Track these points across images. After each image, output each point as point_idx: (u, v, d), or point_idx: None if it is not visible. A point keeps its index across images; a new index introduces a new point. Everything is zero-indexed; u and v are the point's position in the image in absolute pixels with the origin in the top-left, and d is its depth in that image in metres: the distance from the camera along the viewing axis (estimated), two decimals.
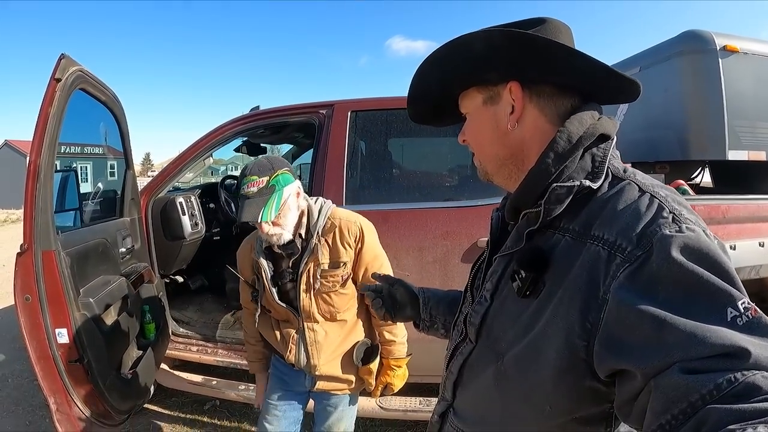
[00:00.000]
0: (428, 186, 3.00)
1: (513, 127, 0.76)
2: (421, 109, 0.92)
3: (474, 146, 0.84)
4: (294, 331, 1.76)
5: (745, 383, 0.47)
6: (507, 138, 0.77)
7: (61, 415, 1.95)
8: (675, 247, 0.56)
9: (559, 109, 0.75)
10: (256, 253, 1.74)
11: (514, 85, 0.75)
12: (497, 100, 0.77)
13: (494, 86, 0.77)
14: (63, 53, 1.87)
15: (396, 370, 1.85)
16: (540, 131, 0.75)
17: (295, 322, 1.75)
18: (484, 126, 0.80)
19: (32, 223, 1.83)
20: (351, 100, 2.88)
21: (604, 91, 0.76)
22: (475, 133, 0.83)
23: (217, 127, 3.03)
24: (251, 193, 1.55)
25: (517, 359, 0.71)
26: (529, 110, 0.75)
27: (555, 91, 0.75)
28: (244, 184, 1.57)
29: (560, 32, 0.76)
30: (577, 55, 0.71)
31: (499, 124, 0.77)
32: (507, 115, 0.76)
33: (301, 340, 1.75)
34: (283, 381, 1.88)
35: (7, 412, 3.23)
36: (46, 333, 1.88)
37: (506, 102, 0.76)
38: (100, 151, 2.78)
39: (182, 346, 3.05)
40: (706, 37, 3.08)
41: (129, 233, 2.66)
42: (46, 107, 1.84)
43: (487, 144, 0.81)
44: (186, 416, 3.16)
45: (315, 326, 1.74)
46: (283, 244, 1.66)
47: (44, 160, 1.84)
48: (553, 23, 0.76)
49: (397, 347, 1.83)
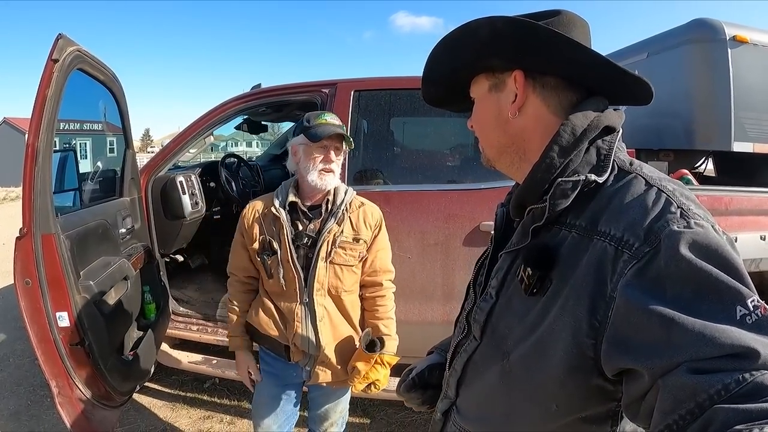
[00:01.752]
0: (431, 167, 2.98)
1: (515, 116, 0.76)
2: (434, 92, 0.92)
3: (478, 132, 0.85)
4: (296, 306, 1.71)
5: (753, 383, 0.47)
6: (508, 126, 0.78)
7: (63, 398, 1.96)
8: (683, 244, 0.56)
9: (563, 102, 0.75)
10: (277, 208, 1.71)
11: (518, 74, 0.75)
12: (502, 87, 0.78)
13: (500, 74, 0.78)
14: (60, 33, 1.83)
15: (386, 368, 1.79)
16: (542, 122, 0.75)
17: (296, 296, 1.71)
18: (488, 112, 0.81)
19: (31, 206, 1.81)
20: (354, 80, 2.85)
21: (612, 90, 0.75)
22: (479, 119, 0.84)
23: (218, 105, 3.01)
24: (334, 123, 1.69)
25: (524, 357, 0.70)
26: (531, 100, 0.75)
27: (561, 83, 0.74)
28: (324, 116, 1.69)
29: (574, 26, 0.75)
30: (581, 48, 0.70)
31: (501, 111, 0.78)
32: (509, 104, 0.76)
33: (309, 316, 1.71)
34: (275, 376, 1.85)
35: (8, 392, 3.25)
36: (47, 317, 1.87)
37: (510, 90, 0.76)
38: (99, 127, 2.76)
39: (182, 325, 3.07)
40: (715, 26, 3.02)
41: (129, 213, 2.65)
42: (44, 88, 1.81)
43: (490, 130, 0.81)
44: (186, 395, 3.20)
45: (323, 300, 1.72)
46: (309, 206, 1.73)
47: (42, 142, 1.82)
48: (568, 16, 0.75)
49: (391, 342, 1.80)
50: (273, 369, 1.86)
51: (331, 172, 1.68)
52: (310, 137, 1.64)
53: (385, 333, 1.79)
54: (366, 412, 3.00)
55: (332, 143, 1.67)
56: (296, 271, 1.69)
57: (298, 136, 1.70)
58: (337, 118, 1.74)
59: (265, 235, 1.73)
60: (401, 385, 1.07)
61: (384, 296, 1.82)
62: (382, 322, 1.81)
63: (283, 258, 1.70)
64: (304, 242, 1.70)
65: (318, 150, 1.66)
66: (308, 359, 1.76)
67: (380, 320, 1.81)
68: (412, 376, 1.06)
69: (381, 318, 1.81)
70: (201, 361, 3.01)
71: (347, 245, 1.70)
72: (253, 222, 1.77)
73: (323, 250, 1.68)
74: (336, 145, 1.68)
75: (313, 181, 1.66)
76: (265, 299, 1.80)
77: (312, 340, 1.72)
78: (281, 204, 1.71)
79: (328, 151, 1.67)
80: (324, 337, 1.72)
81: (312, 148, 1.66)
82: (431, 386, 1.04)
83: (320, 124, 1.66)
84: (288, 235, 1.69)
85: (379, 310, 1.81)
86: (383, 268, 1.82)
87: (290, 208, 1.72)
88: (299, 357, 1.76)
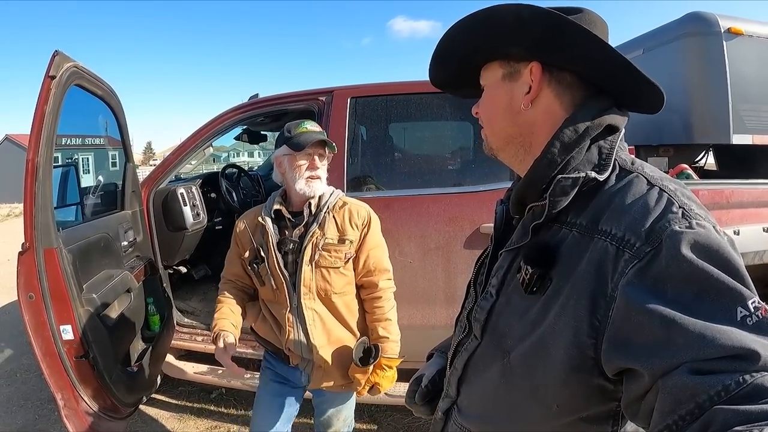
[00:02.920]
0: (430, 171, 2.99)
1: (526, 108, 0.75)
2: (442, 73, 0.91)
3: (484, 120, 0.84)
4: (288, 311, 1.72)
5: (753, 385, 0.47)
6: (518, 117, 0.77)
7: (69, 411, 1.97)
8: (685, 244, 0.56)
9: (575, 100, 0.74)
10: (263, 217, 1.74)
11: (535, 66, 0.73)
12: (516, 77, 0.77)
13: (516, 63, 0.76)
14: (57, 50, 1.85)
15: (386, 370, 1.78)
16: (552, 117, 0.74)
17: (287, 302, 1.72)
18: (498, 101, 0.79)
19: (33, 221, 1.83)
20: (350, 87, 2.86)
21: (626, 92, 0.75)
22: (488, 107, 0.82)
23: (215, 117, 3.01)
24: (314, 131, 1.71)
25: (524, 356, 0.70)
26: (545, 94, 0.75)
27: (576, 81, 0.74)
28: (303, 125, 1.72)
29: (595, 25, 0.74)
30: (603, 47, 0.69)
31: (513, 101, 0.77)
32: (523, 95, 0.75)
33: (299, 320, 1.72)
34: (279, 377, 1.86)
35: (16, 407, 3.26)
36: (51, 330, 1.89)
37: (524, 81, 0.75)
38: (100, 142, 2.78)
39: (187, 336, 3.07)
40: (710, 19, 3.02)
41: (131, 226, 2.67)
42: (42, 105, 1.83)
43: (498, 119, 0.80)
44: (193, 405, 3.19)
45: (312, 304, 1.72)
46: (293, 212, 1.74)
47: (42, 157, 1.84)
48: (590, 15, 0.75)
49: (389, 345, 1.78)
50: (276, 370, 1.87)
51: (318, 179, 1.71)
52: (293, 147, 1.67)
53: (383, 336, 1.77)
54: (373, 417, 2.99)
55: (315, 150, 1.70)
56: (283, 276, 1.71)
57: (281, 147, 1.72)
58: (317, 125, 1.78)
59: (254, 244, 1.76)
60: (413, 395, 1.05)
61: (381, 297, 1.80)
62: (380, 324, 1.79)
63: (271, 265, 1.72)
64: (290, 248, 1.72)
65: (302, 158, 1.68)
66: (306, 363, 1.77)
67: (378, 322, 1.79)
68: (425, 383, 1.04)
69: (379, 320, 1.79)
70: (207, 372, 3.01)
71: (332, 247, 1.71)
72: (243, 232, 1.81)
73: (307, 254, 1.69)
74: (319, 152, 1.71)
75: (302, 189, 1.68)
76: (263, 307, 1.83)
77: (305, 344, 1.73)
78: (266, 213, 1.75)
79: (313, 159, 1.70)
80: (317, 340, 1.72)
81: (296, 158, 1.68)
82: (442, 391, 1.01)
83: (301, 133, 1.68)
84: (273, 242, 1.72)
85: (376, 312, 1.80)
86: (378, 267, 1.80)
87: (276, 216, 1.75)
88: (297, 360, 1.77)
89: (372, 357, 1.70)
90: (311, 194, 1.70)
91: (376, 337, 1.78)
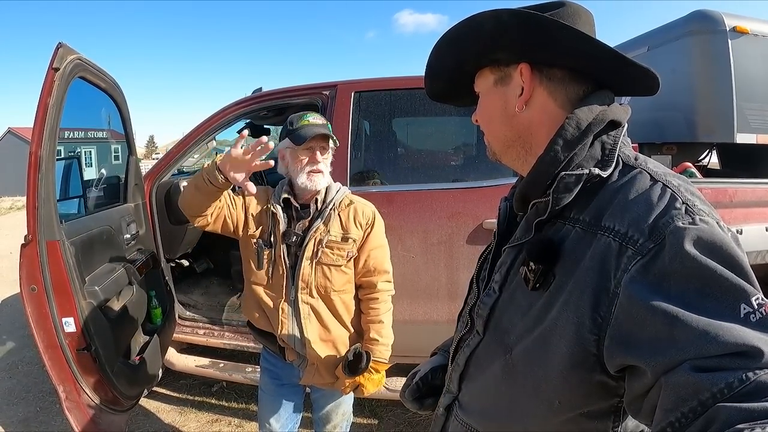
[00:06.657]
0: (433, 167, 2.98)
1: (521, 110, 0.75)
2: (438, 87, 0.91)
3: (484, 126, 0.84)
4: (282, 302, 1.71)
5: (756, 382, 0.47)
6: (515, 120, 0.77)
7: (71, 403, 1.98)
8: (688, 240, 0.55)
9: (570, 95, 0.74)
10: (273, 204, 1.72)
11: (524, 67, 0.73)
12: (508, 81, 0.77)
13: (506, 67, 0.76)
14: (60, 42, 1.84)
15: (372, 373, 1.76)
16: (549, 115, 0.74)
17: (282, 292, 1.71)
18: (493, 106, 0.80)
19: (35, 213, 1.83)
20: (354, 81, 2.85)
21: (618, 80, 0.74)
22: (485, 113, 0.82)
23: (218, 111, 3.01)
24: (317, 123, 1.68)
25: (527, 352, 0.70)
26: (538, 93, 0.74)
27: (567, 76, 0.74)
28: (306, 117, 1.69)
29: (579, 17, 0.74)
30: (585, 39, 0.69)
31: (507, 105, 0.77)
32: (516, 97, 0.75)
33: (294, 314, 1.71)
34: (277, 375, 1.86)
35: (18, 399, 3.27)
36: (53, 322, 1.89)
37: (516, 84, 0.75)
38: (104, 135, 2.78)
39: (189, 329, 3.08)
40: (715, 18, 3.01)
41: (133, 219, 2.67)
42: (45, 97, 1.82)
43: (496, 125, 0.80)
44: (194, 398, 3.21)
45: (309, 299, 1.71)
46: (299, 205, 1.72)
47: (45, 151, 1.84)
48: (573, 7, 0.74)
49: (379, 348, 1.75)
50: (274, 368, 1.87)
51: (320, 173, 1.68)
52: (295, 140, 1.65)
53: (374, 338, 1.75)
54: (374, 412, 3.00)
55: (318, 144, 1.68)
56: (285, 268, 1.70)
57: (284, 140, 1.70)
58: (321, 117, 1.75)
59: (265, 226, 1.74)
60: (406, 390, 1.06)
61: (377, 299, 1.78)
62: (373, 326, 1.77)
63: (277, 254, 1.71)
64: (293, 240, 1.71)
65: (304, 152, 1.67)
66: (301, 360, 1.77)
67: (372, 324, 1.77)
68: (416, 380, 1.05)
69: (373, 321, 1.77)
70: (208, 365, 3.02)
71: (335, 245, 1.70)
72: (263, 204, 1.77)
73: (309, 250, 1.68)
74: (322, 145, 1.69)
75: (303, 183, 1.67)
76: (253, 293, 1.78)
77: (298, 338, 1.73)
78: (276, 200, 1.73)
79: (314, 152, 1.67)
80: (310, 335, 1.72)
81: (298, 151, 1.67)
82: (436, 389, 1.02)
83: (303, 126, 1.66)
84: (280, 231, 1.70)
85: (371, 313, 1.78)
86: (378, 268, 1.78)
87: (285, 205, 1.73)
88: (293, 356, 1.77)
89: (361, 365, 1.68)
90: (313, 188, 1.68)
91: (367, 338, 1.77)
